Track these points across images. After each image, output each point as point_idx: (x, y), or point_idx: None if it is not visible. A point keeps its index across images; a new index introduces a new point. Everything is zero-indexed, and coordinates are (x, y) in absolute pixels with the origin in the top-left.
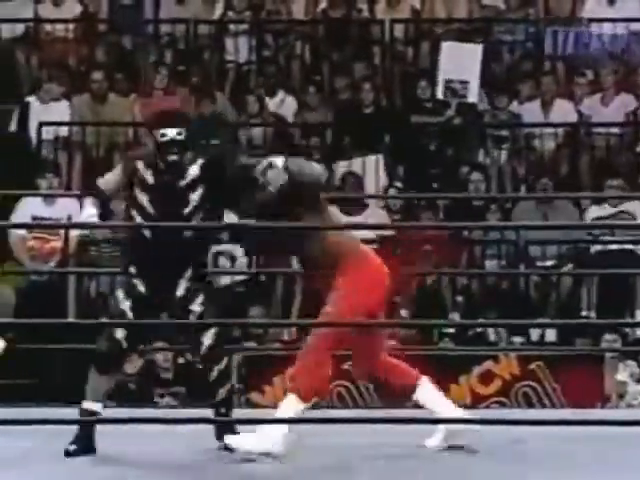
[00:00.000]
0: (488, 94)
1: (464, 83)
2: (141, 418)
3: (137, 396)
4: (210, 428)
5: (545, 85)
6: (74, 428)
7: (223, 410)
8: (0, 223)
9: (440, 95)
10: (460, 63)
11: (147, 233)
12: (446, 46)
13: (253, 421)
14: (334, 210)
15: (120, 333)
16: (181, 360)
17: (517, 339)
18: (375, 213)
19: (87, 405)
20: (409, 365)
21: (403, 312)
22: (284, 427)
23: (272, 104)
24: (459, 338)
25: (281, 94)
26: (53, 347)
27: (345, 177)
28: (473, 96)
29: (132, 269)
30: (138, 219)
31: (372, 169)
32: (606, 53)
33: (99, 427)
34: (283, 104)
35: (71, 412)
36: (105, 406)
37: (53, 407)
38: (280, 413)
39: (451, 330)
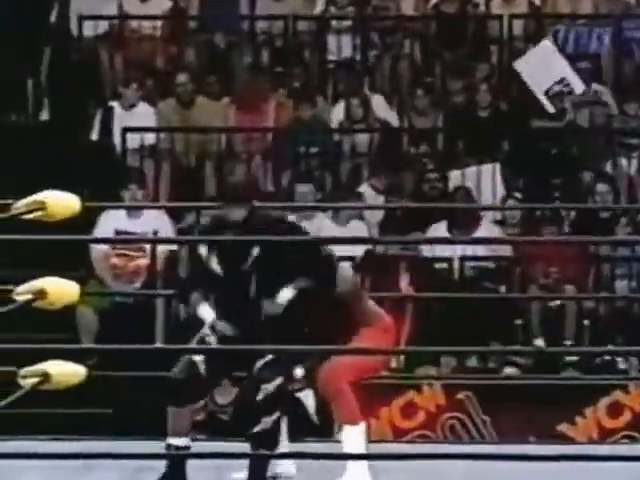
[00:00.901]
0: (616, 98)
1: (562, 81)
2: (232, 453)
3: (231, 428)
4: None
5: None
6: (161, 462)
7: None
8: (81, 237)
9: (550, 108)
10: (543, 67)
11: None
12: (519, 65)
13: (327, 456)
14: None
15: (202, 364)
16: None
17: None
18: (489, 229)
19: (171, 440)
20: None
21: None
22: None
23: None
24: (585, 366)
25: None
26: (137, 374)
27: (456, 192)
28: (579, 87)
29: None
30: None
31: (488, 178)
32: None
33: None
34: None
35: (156, 445)
36: (194, 439)
37: (138, 439)
38: (351, 447)
39: (576, 358)
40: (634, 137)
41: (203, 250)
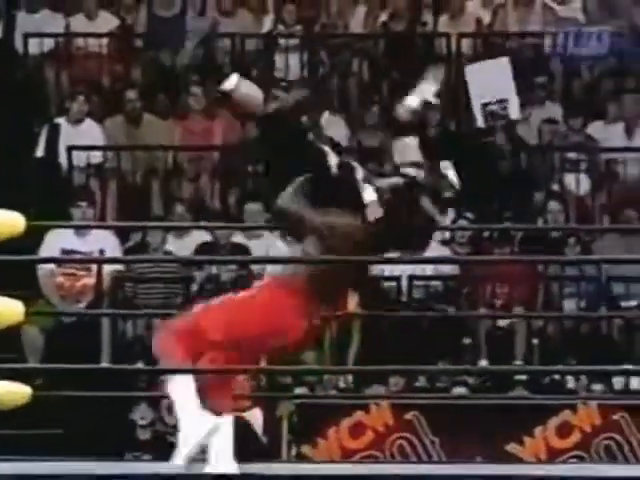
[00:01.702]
0: (565, 115)
1: (502, 102)
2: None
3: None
4: None
5: (628, 105)
6: None
7: None
8: (26, 257)
9: (480, 122)
10: (491, 82)
11: None
12: (470, 69)
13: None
14: None
15: None
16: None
17: (598, 387)
18: (438, 249)
19: None
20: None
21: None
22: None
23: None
24: (534, 386)
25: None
26: (82, 394)
27: None
28: (515, 113)
29: None
30: None
31: None
32: None
33: None
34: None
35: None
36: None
37: (87, 460)
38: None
39: (525, 377)
40: (581, 153)
41: None
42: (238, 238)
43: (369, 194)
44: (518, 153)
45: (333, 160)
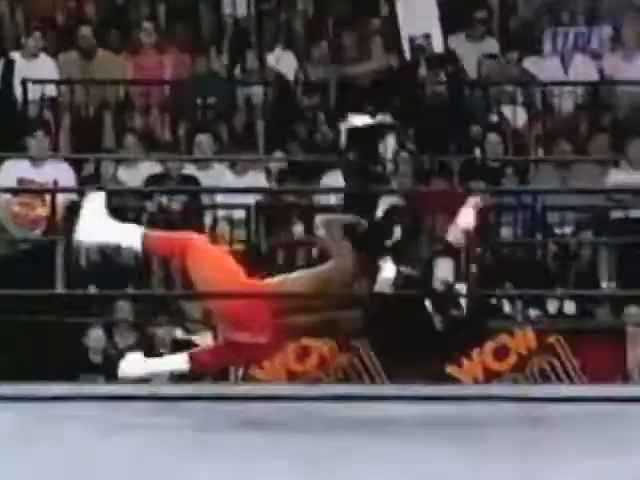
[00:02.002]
0: (501, 49)
1: (426, 37)
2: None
3: None
4: None
5: (563, 40)
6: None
7: None
8: None
9: (407, 54)
10: (417, 15)
11: None
12: (400, 3)
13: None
14: None
15: None
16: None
17: (534, 312)
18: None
19: None
20: None
21: None
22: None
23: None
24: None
25: (279, 50)
26: (37, 319)
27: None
28: (438, 47)
29: None
30: None
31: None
32: (629, 6)
33: None
34: (282, 61)
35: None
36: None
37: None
38: None
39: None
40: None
41: None
42: (188, 170)
43: (388, 271)
44: (457, 87)
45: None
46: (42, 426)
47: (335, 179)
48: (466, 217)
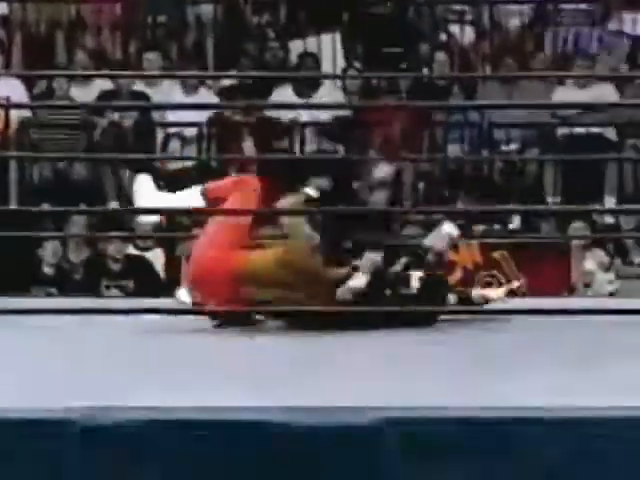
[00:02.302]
0: None
1: None
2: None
3: (83, 287)
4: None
5: None
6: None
7: None
8: None
9: None
10: None
11: None
12: None
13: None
14: None
15: None
16: (133, 251)
17: (480, 226)
18: (330, 93)
19: None
20: None
21: None
22: None
23: None
24: (423, 226)
25: None
26: None
27: (302, 58)
28: None
29: None
30: None
31: (328, 48)
32: None
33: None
34: None
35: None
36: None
37: None
38: None
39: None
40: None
41: None
42: (138, 86)
43: (358, 280)
44: (405, 6)
45: None
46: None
47: (284, 95)
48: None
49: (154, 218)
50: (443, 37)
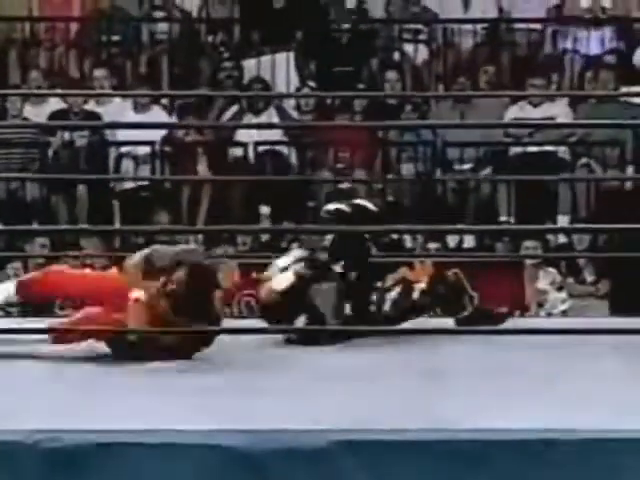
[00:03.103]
0: None
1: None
2: None
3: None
4: None
5: None
6: None
7: None
8: None
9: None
10: None
11: None
12: None
13: None
14: None
15: None
16: None
17: (434, 245)
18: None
19: None
20: None
21: None
22: None
23: None
24: (374, 245)
25: None
26: None
27: (251, 83)
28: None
29: None
30: None
31: (282, 67)
32: None
33: None
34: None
35: None
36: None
37: None
38: None
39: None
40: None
41: None
42: (90, 105)
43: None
44: (359, 24)
45: None
46: None
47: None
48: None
49: None
50: (396, 56)
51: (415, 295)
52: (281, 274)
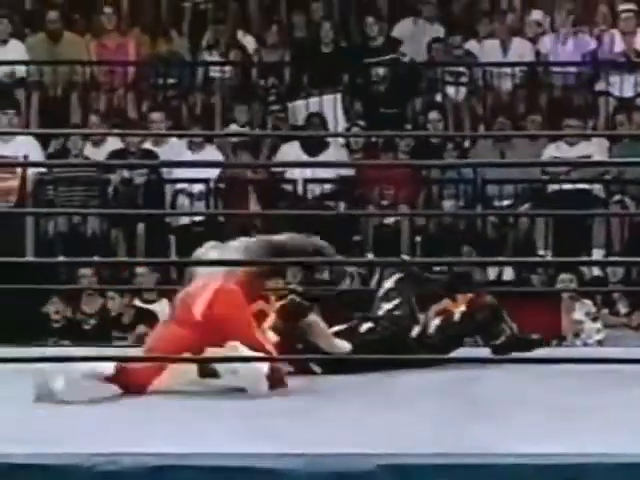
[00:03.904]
0: (446, 35)
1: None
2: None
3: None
4: None
5: (501, 23)
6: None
7: None
8: None
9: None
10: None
11: None
12: None
13: None
14: None
15: None
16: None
17: (476, 277)
18: (336, 153)
19: None
20: None
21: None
22: None
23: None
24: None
25: (239, 33)
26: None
27: (310, 118)
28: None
29: None
30: None
31: (330, 108)
32: None
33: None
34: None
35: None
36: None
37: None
38: None
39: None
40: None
41: None
42: (147, 145)
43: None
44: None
45: None
46: None
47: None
48: None
49: None
50: (438, 97)
51: (456, 317)
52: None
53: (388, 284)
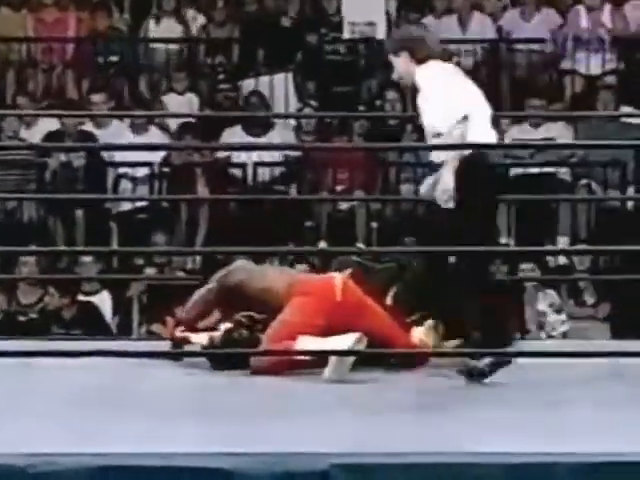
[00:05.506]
0: (399, 10)
1: (371, 25)
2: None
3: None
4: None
5: None
6: None
7: None
8: None
9: (346, 35)
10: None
11: None
12: None
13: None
14: None
15: None
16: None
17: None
18: (282, 134)
19: None
20: None
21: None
22: None
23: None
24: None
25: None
26: None
27: (248, 97)
28: (380, 34)
29: None
30: None
31: (281, 88)
32: None
33: None
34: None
35: None
36: None
37: None
38: None
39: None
40: None
41: None
42: (87, 126)
43: None
44: (356, 46)
45: None
46: None
47: (235, 135)
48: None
49: None
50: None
51: None
52: None
53: None
